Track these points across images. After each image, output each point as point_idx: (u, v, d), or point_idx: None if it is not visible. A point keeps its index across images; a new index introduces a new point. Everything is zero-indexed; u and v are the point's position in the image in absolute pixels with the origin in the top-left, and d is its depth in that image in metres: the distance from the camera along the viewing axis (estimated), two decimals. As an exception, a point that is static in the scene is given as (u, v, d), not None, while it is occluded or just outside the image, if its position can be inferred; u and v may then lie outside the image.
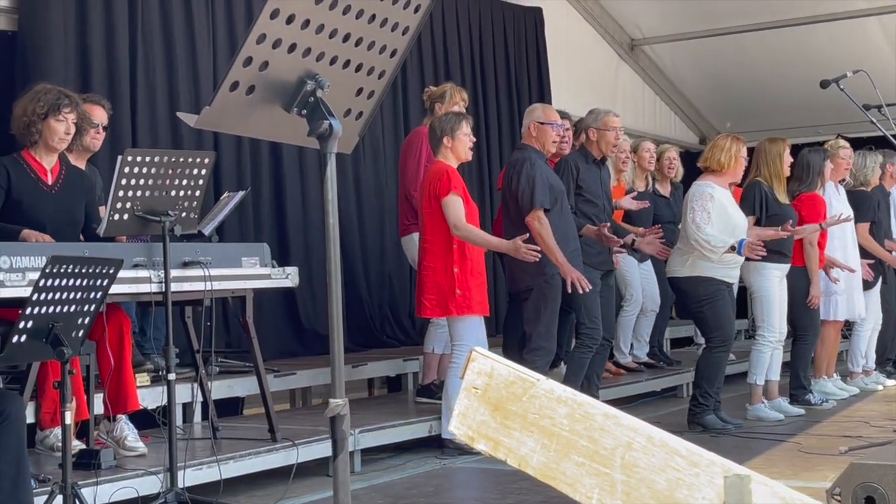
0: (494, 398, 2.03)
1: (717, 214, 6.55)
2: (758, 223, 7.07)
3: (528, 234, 6.03)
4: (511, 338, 7.36)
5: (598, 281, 6.74)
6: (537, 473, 1.99)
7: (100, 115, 5.66)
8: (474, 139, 6.24)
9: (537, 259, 5.92)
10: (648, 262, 8.49)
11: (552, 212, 6.22)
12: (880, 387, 8.48)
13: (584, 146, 6.94)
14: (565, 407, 1.97)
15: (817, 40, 11.38)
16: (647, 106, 12.78)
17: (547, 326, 6.28)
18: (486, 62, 10.04)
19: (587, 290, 6.18)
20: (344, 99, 2.63)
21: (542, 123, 6.41)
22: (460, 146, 6.09)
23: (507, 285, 6.63)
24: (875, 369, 8.71)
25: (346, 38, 2.52)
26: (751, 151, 7.29)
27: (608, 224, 6.72)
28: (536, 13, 10.73)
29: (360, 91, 2.67)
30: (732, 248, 6.50)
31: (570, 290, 6.13)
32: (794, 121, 12.17)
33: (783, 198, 7.13)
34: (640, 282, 8.49)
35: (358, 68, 2.61)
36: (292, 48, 2.42)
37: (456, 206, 5.93)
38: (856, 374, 8.52)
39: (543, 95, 10.49)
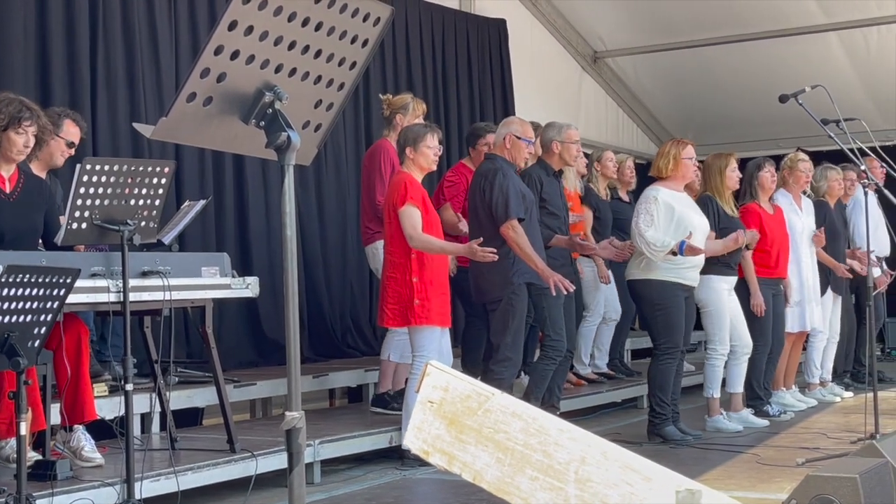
0: (450, 412, 2.03)
1: (663, 217, 6.59)
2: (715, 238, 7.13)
3: (503, 244, 6.08)
4: (472, 350, 7.37)
5: (562, 293, 6.77)
6: (492, 488, 1.99)
7: (74, 133, 5.62)
8: (439, 151, 6.24)
9: (495, 259, 5.92)
10: (611, 272, 8.54)
11: (524, 222, 6.25)
12: (838, 398, 8.55)
13: (542, 159, 6.97)
14: (520, 421, 1.97)
15: (778, 55, 11.49)
16: (609, 118, 12.85)
17: (514, 337, 6.29)
18: (449, 73, 10.06)
19: (570, 290, 6.20)
20: (303, 111, 2.63)
21: (518, 138, 6.44)
22: (423, 158, 6.10)
23: (473, 297, 6.61)
24: (832, 381, 8.79)
25: (305, 49, 2.52)
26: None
27: (582, 232, 6.78)
28: (500, 25, 10.77)
29: (318, 103, 2.66)
30: (674, 253, 6.53)
31: (553, 293, 6.15)
32: (754, 134, 12.29)
33: (730, 211, 7.21)
34: (602, 292, 8.53)
35: (317, 80, 2.61)
36: (250, 60, 2.42)
37: (412, 217, 5.94)
38: (813, 385, 8.59)
39: (507, 107, 10.53)
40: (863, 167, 6.21)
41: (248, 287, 5.46)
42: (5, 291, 3.62)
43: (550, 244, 6.62)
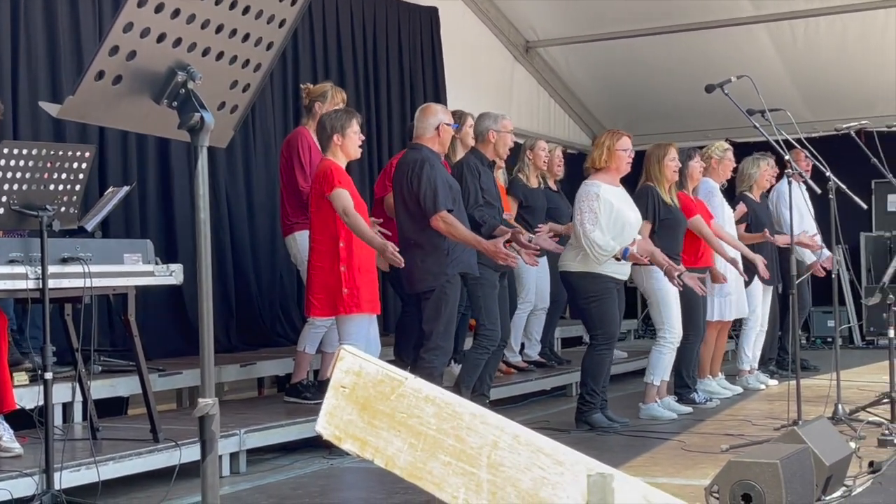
0: (362, 397, 2.00)
1: (605, 214, 6.60)
2: (653, 228, 7.17)
3: (435, 234, 6.05)
4: (405, 338, 7.35)
5: (496, 282, 6.77)
6: (404, 473, 1.97)
7: None
8: (363, 137, 6.21)
9: (401, 265, 5.92)
10: (544, 260, 8.55)
11: (452, 213, 6.23)
12: (763, 386, 8.66)
13: (476, 148, 6.95)
14: (433, 406, 1.94)
15: (708, 46, 11.59)
16: (541, 107, 12.86)
17: (446, 326, 6.27)
18: (379, 60, 10.00)
19: (514, 264, 6.22)
20: (218, 91, 2.58)
21: (448, 125, 6.41)
22: (350, 144, 6.06)
23: (405, 287, 6.57)
24: (758, 369, 8.90)
25: (220, 28, 2.46)
26: (643, 155, 7.43)
27: (526, 232, 6.80)
28: (432, 13, 10.73)
29: (234, 84, 2.61)
30: (617, 259, 6.57)
31: (504, 262, 6.17)
32: (684, 125, 12.38)
33: (668, 199, 7.26)
34: (535, 281, 8.54)
35: (232, 60, 2.55)
36: (161, 38, 2.36)
37: (344, 198, 5.92)
38: (742, 372, 8.69)
39: (438, 96, 10.49)
40: (787, 157, 6.27)
41: (171, 274, 5.39)
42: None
43: (495, 233, 6.57)
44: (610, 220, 6.60)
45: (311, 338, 6.63)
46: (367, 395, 1.99)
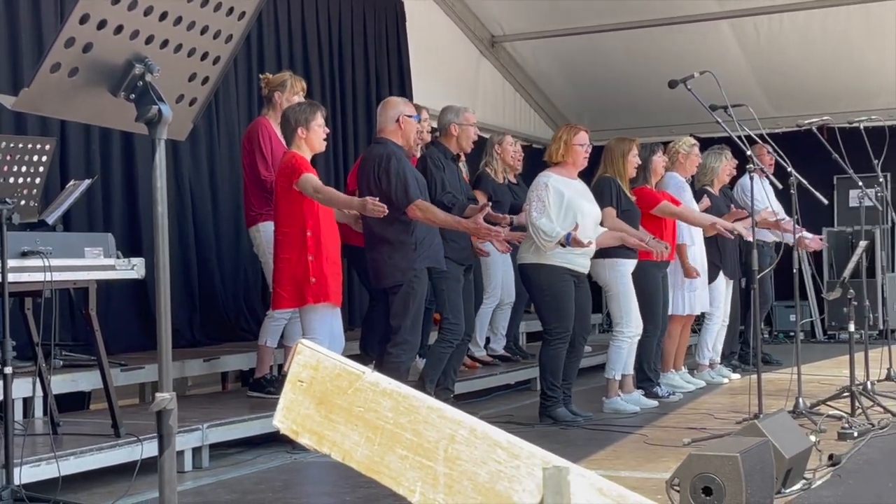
0: (319, 391, 2.00)
1: (554, 204, 6.62)
2: (616, 215, 7.20)
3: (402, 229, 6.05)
4: (371, 333, 7.33)
5: (461, 276, 6.78)
6: (361, 467, 1.97)
7: None
8: (328, 130, 6.19)
9: (385, 213, 5.87)
10: (510, 254, 8.56)
11: None
12: (725, 380, 8.73)
13: (440, 142, 6.95)
14: (390, 400, 1.94)
15: (673, 42, 11.64)
16: (507, 102, 12.88)
17: (413, 321, 6.26)
18: (345, 54, 9.97)
19: (502, 241, 6.16)
20: (176, 84, 2.56)
21: (409, 116, 6.40)
22: (314, 137, 6.04)
23: (372, 282, 6.55)
24: (720, 363, 8.96)
25: (178, 21, 2.45)
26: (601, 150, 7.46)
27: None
28: (398, 6, 10.72)
29: (193, 76, 2.59)
30: (562, 245, 6.56)
31: (488, 241, 6.16)
32: (649, 120, 12.44)
33: (629, 194, 7.30)
34: (501, 275, 8.55)
35: (191, 53, 2.54)
36: (119, 30, 2.34)
37: (311, 179, 5.89)
38: (702, 366, 8.75)
39: (404, 89, 10.49)
40: (749, 152, 6.32)
41: (133, 268, 5.34)
42: None
43: (466, 214, 6.54)
44: (560, 211, 6.62)
45: (272, 331, 6.62)
46: (325, 390, 1.99)
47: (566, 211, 6.62)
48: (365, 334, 7.70)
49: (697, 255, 8.20)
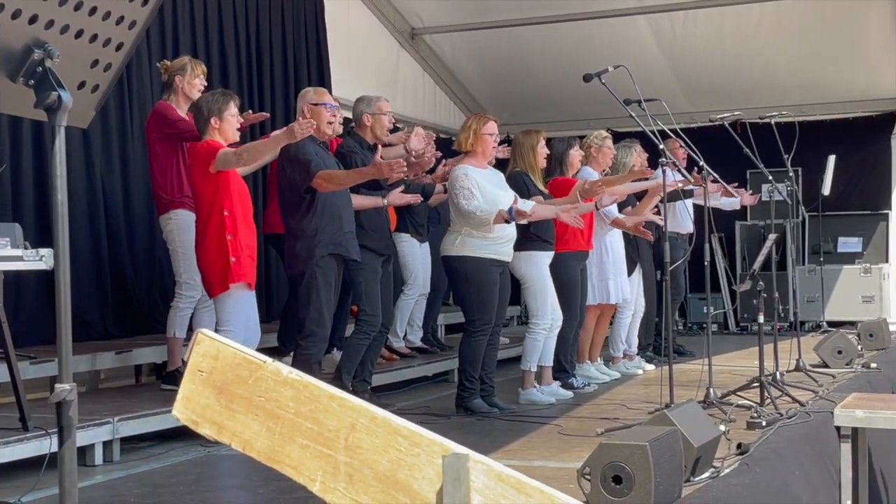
0: (220, 381, 1.98)
1: (479, 191, 6.64)
2: None
3: (303, 217, 5.99)
4: (288, 326, 7.29)
5: (379, 267, 6.76)
6: (262, 457, 1.96)
7: None
8: (241, 120, 6.13)
9: (404, 171, 5.95)
10: (426, 246, 8.57)
11: (333, 192, 6.19)
12: (640, 371, 8.83)
13: (355, 132, 6.93)
14: (291, 389, 1.94)
15: (591, 37, 11.75)
16: (426, 95, 12.89)
17: (319, 312, 6.19)
18: (263, 46, 9.89)
19: (404, 169, 6.17)
20: (77, 70, 2.51)
21: (316, 104, 6.37)
22: (228, 127, 5.97)
23: (284, 267, 6.53)
24: (637, 354, 9.07)
25: (79, 6, 2.40)
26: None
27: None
28: (317, -3, 10.67)
29: (95, 63, 2.55)
30: (507, 221, 6.56)
31: (391, 175, 6.18)
32: (567, 113, 12.54)
33: (541, 186, 7.35)
34: (421, 267, 8.56)
35: (93, 39, 2.49)
36: (17, 14, 2.29)
37: (226, 150, 5.84)
38: (617, 358, 8.84)
39: (323, 81, 10.43)
40: (661, 146, 6.39)
41: (41, 259, 5.24)
42: None
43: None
44: (485, 197, 6.64)
45: (179, 322, 6.54)
46: (225, 379, 1.97)
47: (488, 199, 6.65)
48: (282, 327, 7.66)
49: (616, 243, 8.29)
